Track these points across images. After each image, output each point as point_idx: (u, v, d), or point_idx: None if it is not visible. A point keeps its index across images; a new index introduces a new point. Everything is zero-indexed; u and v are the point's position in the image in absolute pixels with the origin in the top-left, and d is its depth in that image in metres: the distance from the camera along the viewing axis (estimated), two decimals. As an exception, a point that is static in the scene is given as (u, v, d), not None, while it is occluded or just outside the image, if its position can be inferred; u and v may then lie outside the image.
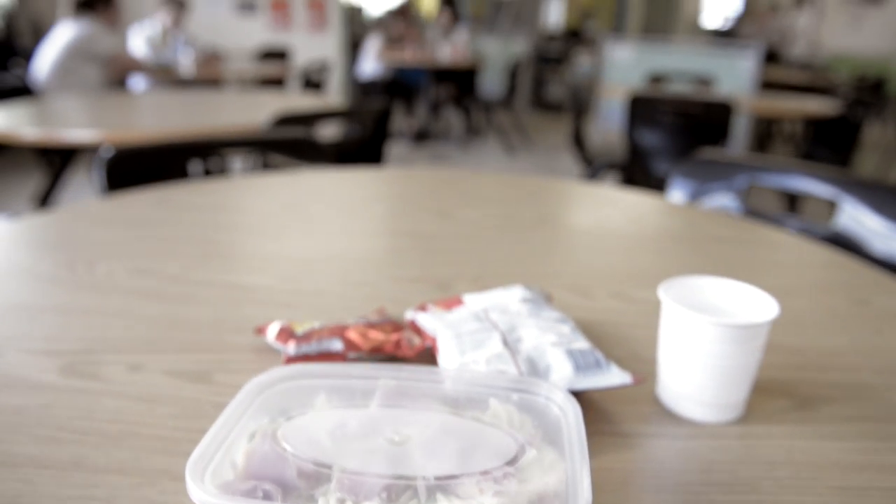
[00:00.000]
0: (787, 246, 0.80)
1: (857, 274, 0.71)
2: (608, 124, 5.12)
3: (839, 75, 6.25)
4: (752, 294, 0.45)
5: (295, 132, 1.23)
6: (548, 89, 8.29)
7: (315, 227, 0.81)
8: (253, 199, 0.92)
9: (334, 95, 7.93)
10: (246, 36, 7.41)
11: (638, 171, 2.44)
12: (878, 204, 0.98)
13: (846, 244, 1.01)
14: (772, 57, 9.46)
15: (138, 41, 3.63)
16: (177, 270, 0.66)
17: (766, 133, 5.25)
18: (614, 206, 0.94)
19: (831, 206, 1.05)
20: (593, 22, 12.83)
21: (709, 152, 1.17)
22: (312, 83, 3.55)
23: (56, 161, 3.01)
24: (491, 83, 7.03)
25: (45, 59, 2.87)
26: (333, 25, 7.95)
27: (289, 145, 1.22)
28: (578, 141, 2.89)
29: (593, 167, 2.65)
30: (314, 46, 7.84)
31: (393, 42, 5.53)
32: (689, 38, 10.16)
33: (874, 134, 7.09)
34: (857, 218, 1.00)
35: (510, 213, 0.88)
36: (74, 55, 2.87)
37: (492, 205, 0.92)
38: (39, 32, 5.46)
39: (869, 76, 7.32)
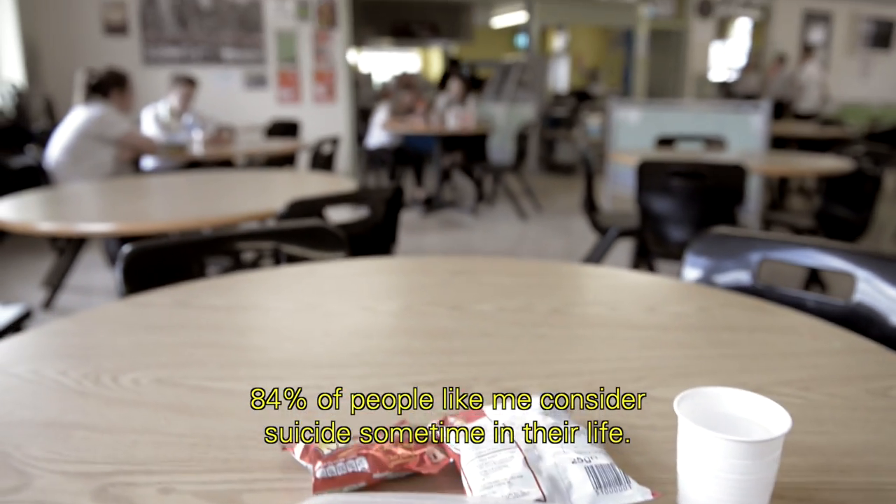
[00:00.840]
0: (803, 331, 0.82)
1: (876, 360, 0.73)
2: (620, 188, 5.19)
3: (851, 126, 6.33)
4: (766, 406, 0.47)
5: (307, 222, 1.28)
6: (558, 151, 8.44)
7: (333, 327, 0.84)
8: (270, 297, 0.96)
9: (344, 165, 8.11)
10: (256, 111, 7.65)
11: (651, 237, 2.47)
12: (893, 277, 1.00)
13: (866, 317, 1.03)
14: (782, 109, 9.62)
15: (149, 121, 3.78)
16: (199, 379, 0.69)
17: (781, 189, 5.29)
18: (629, 291, 0.97)
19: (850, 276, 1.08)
20: (600, 82, 13.15)
21: (721, 228, 1.20)
22: (322, 157, 3.66)
23: (67, 245, 3.09)
24: (500, 148, 7.18)
25: (59, 143, 2.99)
26: (342, 96, 8.21)
27: (303, 235, 1.27)
28: (590, 207, 2.94)
29: (606, 234, 2.69)
30: (323, 117, 8.08)
31: (400, 113, 5.70)
32: (697, 94, 10.36)
33: (891, 182, 7.12)
34: (874, 291, 1.02)
35: (524, 306, 0.91)
36: (87, 139, 2.99)
37: (505, 295, 0.95)
38: (53, 115, 5.68)
39: (882, 123, 7.41)
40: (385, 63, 14.77)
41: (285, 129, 5.90)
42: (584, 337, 0.80)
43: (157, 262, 1.16)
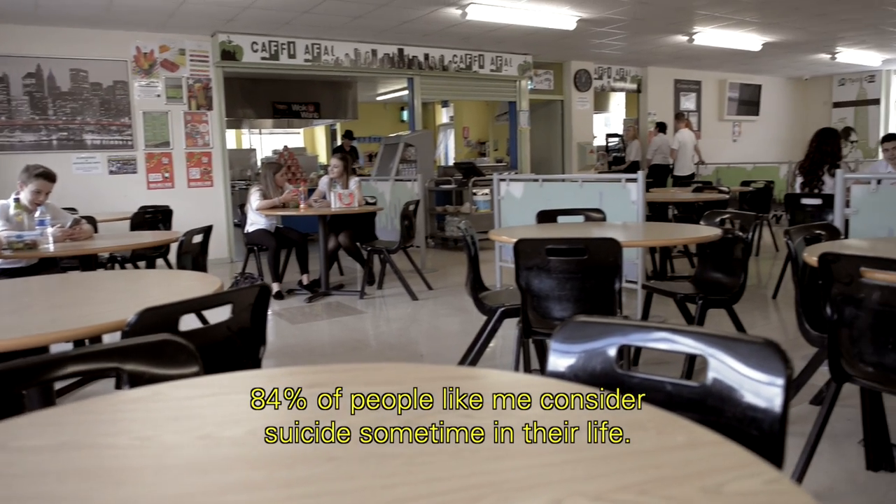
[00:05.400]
0: (650, 426, 0.86)
1: (716, 453, 0.77)
2: (511, 263, 5.34)
3: (725, 188, 6.87)
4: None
5: (151, 338, 1.23)
6: (448, 226, 8.62)
7: (168, 462, 0.80)
8: (103, 431, 0.90)
9: (222, 252, 7.92)
10: (124, 198, 7.40)
11: (534, 316, 2.54)
12: (741, 357, 1.08)
13: (719, 396, 1.09)
14: (663, 174, 10.34)
15: (-3, 220, 3.57)
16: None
17: (663, 255, 5.61)
18: (484, 394, 0.99)
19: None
20: (488, 154, 13.68)
21: (581, 317, 1.25)
22: (192, 248, 3.56)
23: None
24: (388, 226, 7.26)
25: None
26: (219, 179, 8.10)
27: (146, 351, 1.22)
28: (475, 288, 3.00)
29: (492, 316, 2.74)
30: (200, 202, 7.92)
31: (272, 195, 5.65)
32: (583, 164, 10.96)
33: (768, 240, 7.72)
34: (726, 369, 1.09)
35: (377, 420, 0.90)
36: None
37: (360, 410, 0.94)
38: None
39: (753, 183, 8.09)
40: (269, 142, 14.77)
41: (156, 216, 5.73)
42: (433, 453, 0.80)
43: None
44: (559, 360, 1.24)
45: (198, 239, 3.58)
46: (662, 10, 7.52)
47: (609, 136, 12.88)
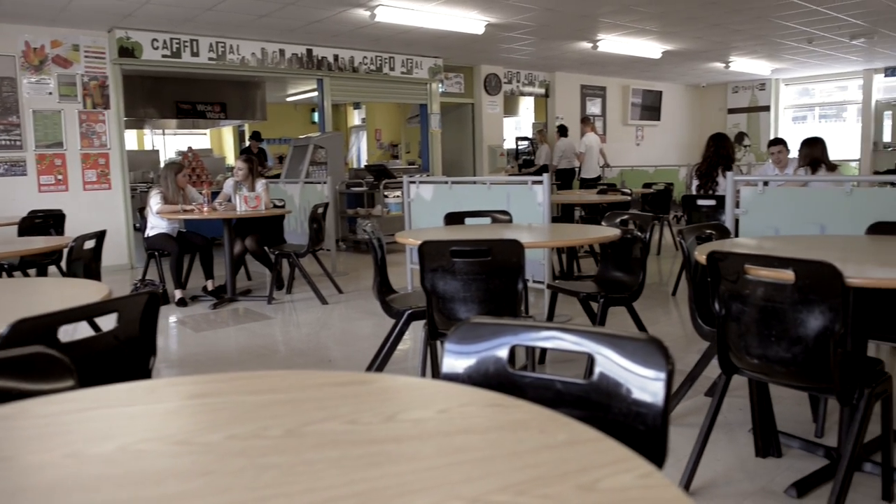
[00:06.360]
0: (533, 425, 0.86)
1: (594, 450, 0.78)
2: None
3: (629, 190, 7.11)
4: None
5: (20, 350, 1.15)
6: (360, 229, 8.56)
7: (30, 483, 0.75)
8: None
9: (121, 259, 7.58)
10: (11, 202, 6.97)
11: (440, 318, 2.55)
12: (626, 353, 1.11)
13: (606, 392, 1.11)
14: (570, 176, 10.61)
15: None
16: None
17: (570, 255, 5.75)
18: (373, 399, 0.97)
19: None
20: (401, 156, 13.67)
21: (476, 318, 1.26)
22: (84, 255, 3.38)
23: None
24: (297, 229, 7.13)
25: None
26: (117, 181, 7.75)
27: (15, 365, 1.14)
28: (382, 291, 2.98)
29: (398, 318, 2.73)
30: (96, 205, 7.55)
31: (174, 197, 5.44)
32: (494, 166, 11.11)
33: (669, 237, 8.04)
34: (612, 366, 1.11)
35: (257, 430, 0.87)
36: None
37: (240, 420, 0.91)
38: None
39: (655, 185, 8.42)
40: (173, 143, 14.24)
41: (48, 220, 5.42)
42: (312, 462, 0.78)
43: None
44: (454, 361, 1.23)
45: (90, 244, 3.40)
46: (568, 17, 7.72)
47: (519, 139, 13.12)
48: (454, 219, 3.73)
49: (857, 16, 7.84)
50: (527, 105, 13.86)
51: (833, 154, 5.52)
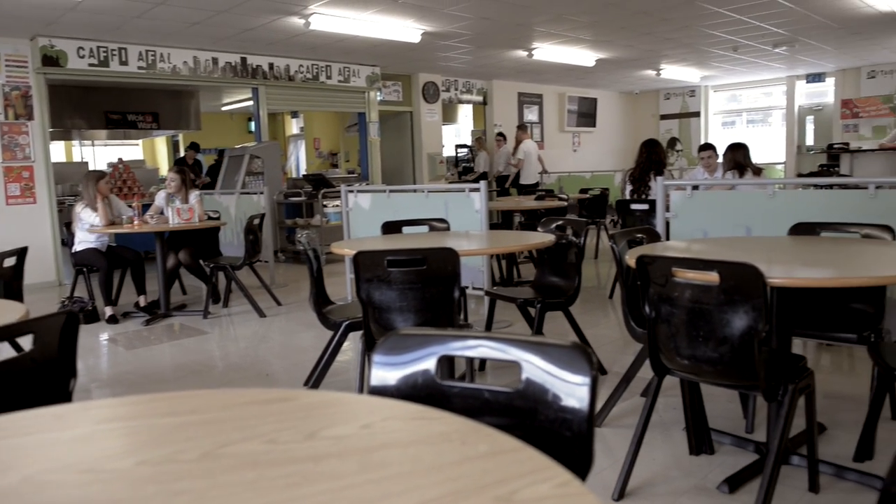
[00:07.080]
0: (455, 437, 0.86)
1: (514, 460, 0.78)
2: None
3: (566, 195, 7.22)
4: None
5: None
6: (297, 239, 8.44)
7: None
8: None
9: (48, 276, 7.30)
10: (-74, 218, 6.62)
11: (377, 329, 2.53)
12: (552, 360, 1.11)
13: (534, 398, 1.12)
14: (505, 182, 10.71)
15: None
16: None
17: (509, 260, 5.80)
18: (295, 416, 0.95)
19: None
20: (340, 165, 13.57)
21: (405, 329, 1.25)
22: (6, 272, 3.23)
23: None
24: (234, 241, 7.00)
25: None
26: (42, 195, 7.47)
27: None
28: (319, 302, 2.94)
29: (336, 330, 2.70)
30: (20, 221, 7.25)
31: (97, 205, 5.25)
32: (433, 174, 11.14)
33: (605, 241, 8.19)
34: (539, 372, 1.12)
35: (171, 454, 0.84)
36: None
37: (155, 443, 0.87)
38: None
39: (591, 191, 8.57)
40: (104, 154, 13.78)
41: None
42: (226, 486, 0.75)
43: None
44: (383, 373, 1.22)
45: (10, 262, 3.25)
46: (503, 26, 7.80)
47: (458, 146, 13.19)
48: (392, 228, 3.72)
49: (778, 25, 8.17)
50: (465, 113, 13.94)
51: (760, 157, 5.73)
